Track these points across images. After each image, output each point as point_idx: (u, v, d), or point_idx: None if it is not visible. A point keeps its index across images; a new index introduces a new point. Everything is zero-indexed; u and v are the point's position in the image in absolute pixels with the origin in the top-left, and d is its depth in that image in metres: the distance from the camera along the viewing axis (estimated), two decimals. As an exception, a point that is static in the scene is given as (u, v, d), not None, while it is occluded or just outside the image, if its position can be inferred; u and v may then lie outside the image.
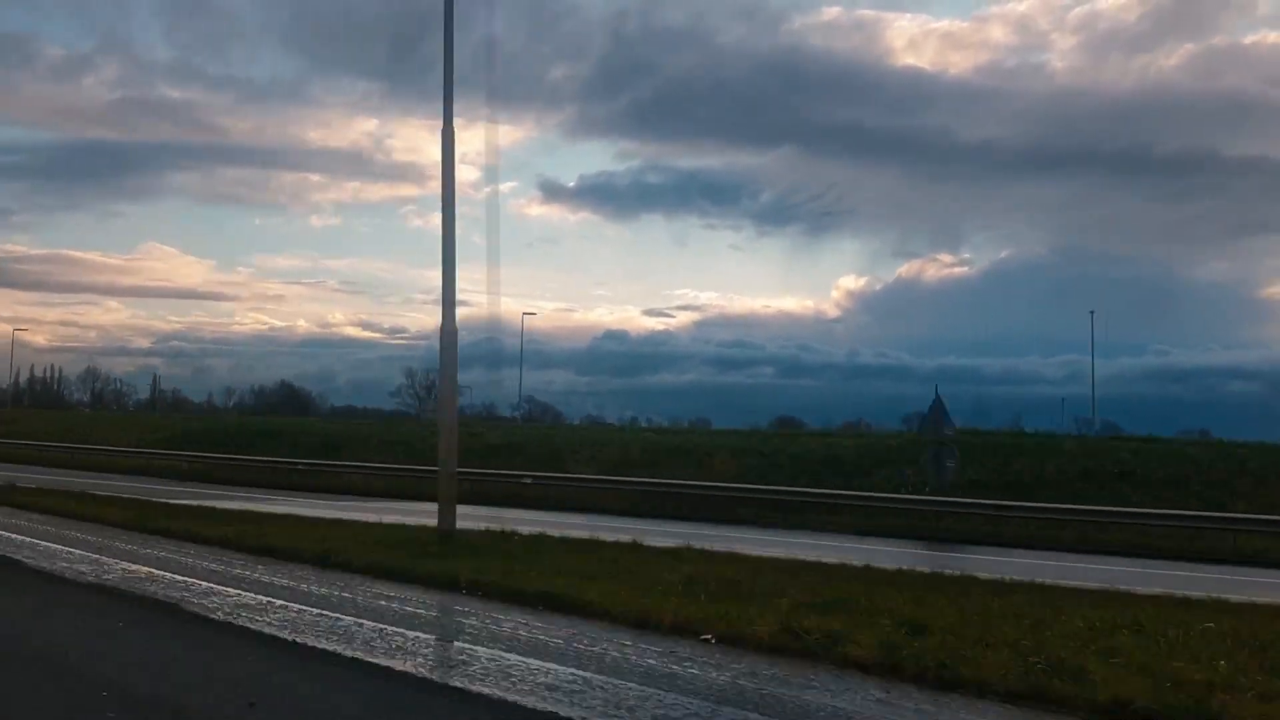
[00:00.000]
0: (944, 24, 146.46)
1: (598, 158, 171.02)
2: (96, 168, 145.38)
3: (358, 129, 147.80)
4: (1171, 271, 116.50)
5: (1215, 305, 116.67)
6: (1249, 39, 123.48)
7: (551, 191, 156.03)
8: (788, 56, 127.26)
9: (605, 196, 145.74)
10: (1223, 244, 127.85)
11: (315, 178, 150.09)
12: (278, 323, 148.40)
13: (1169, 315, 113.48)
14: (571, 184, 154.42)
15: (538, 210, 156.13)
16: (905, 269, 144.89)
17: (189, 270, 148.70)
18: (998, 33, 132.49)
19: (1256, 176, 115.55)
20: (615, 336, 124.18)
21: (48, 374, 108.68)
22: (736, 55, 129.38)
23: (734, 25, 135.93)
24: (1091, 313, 57.38)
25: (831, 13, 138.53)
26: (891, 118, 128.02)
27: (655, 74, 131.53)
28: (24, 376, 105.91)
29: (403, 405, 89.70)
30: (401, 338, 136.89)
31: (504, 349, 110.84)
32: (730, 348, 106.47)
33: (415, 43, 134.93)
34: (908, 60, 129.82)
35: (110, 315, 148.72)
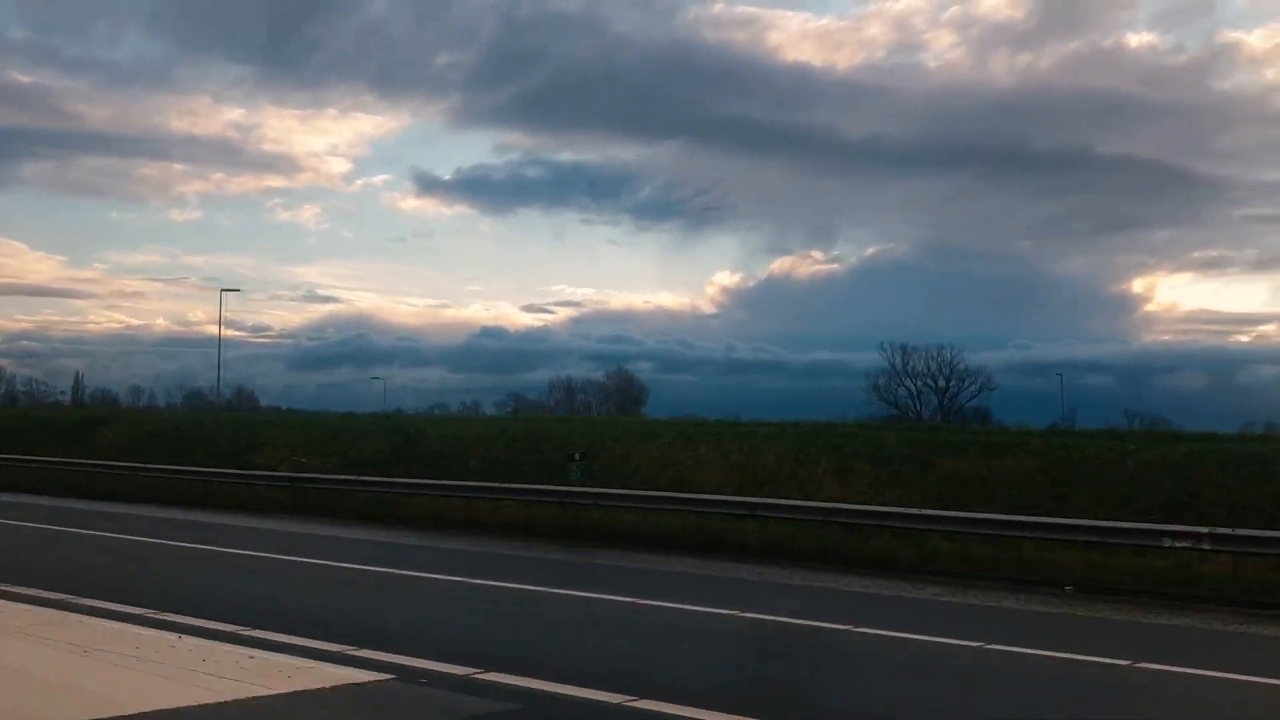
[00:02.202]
0: (827, 21, 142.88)
1: (475, 150, 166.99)
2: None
3: (225, 117, 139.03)
4: (1036, 268, 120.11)
5: (1073, 301, 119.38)
6: (1127, 39, 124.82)
7: (426, 184, 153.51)
8: (681, 48, 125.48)
9: (482, 190, 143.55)
10: (1086, 241, 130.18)
11: (179, 167, 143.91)
12: (135, 321, 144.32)
13: (1031, 310, 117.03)
14: (447, 177, 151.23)
15: (412, 203, 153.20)
16: (777, 265, 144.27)
17: (39, 266, 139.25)
18: (878, 30, 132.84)
19: (1122, 174, 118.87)
20: (492, 333, 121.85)
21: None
22: (628, 45, 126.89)
23: (628, 13, 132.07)
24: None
25: (719, 7, 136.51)
26: (781, 113, 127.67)
27: (544, 63, 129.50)
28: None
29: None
30: (265, 336, 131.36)
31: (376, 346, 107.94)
32: (609, 343, 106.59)
33: (295, 25, 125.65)
34: (798, 56, 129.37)
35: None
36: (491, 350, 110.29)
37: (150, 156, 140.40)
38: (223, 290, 65.67)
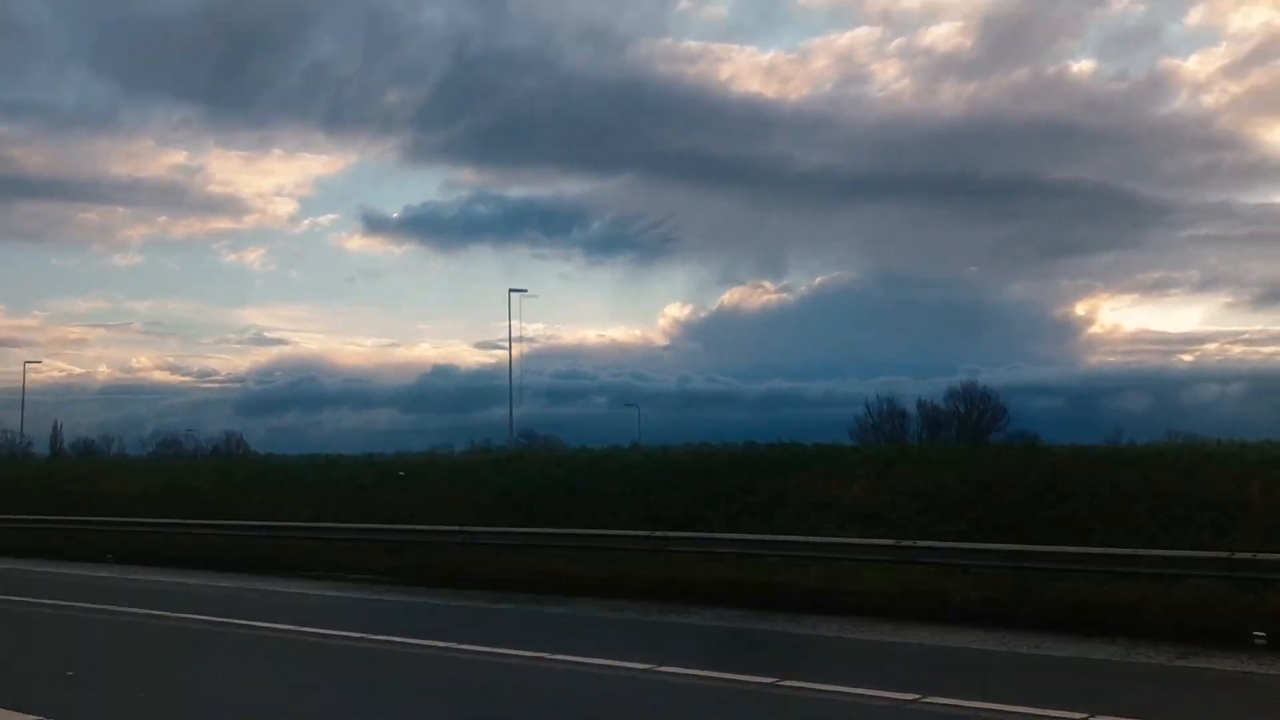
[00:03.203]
0: (773, 55, 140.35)
1: (424, 188, 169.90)
2: None
3: (169, 159, 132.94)
4: (983, 294, 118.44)
5: (1019, 325, 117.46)
6: (1070, 66, 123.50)
7: (374, 223, 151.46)
8: (632, 83, 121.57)
9: (431, 228, 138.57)
10: (1032, 266, 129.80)
11: (121, 211, 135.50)
12: (77, 369, 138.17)
13: (978, 336, 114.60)
14: (396, 215, 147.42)
15: (359, 243, 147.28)
16: (728, 296, 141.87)
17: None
18: (825, 63, 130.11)
19: (1070, 199, 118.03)
20: (444, 372, 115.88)
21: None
22: (579, 80, 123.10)
23: (580, 48, 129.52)
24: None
25: (668, 41, 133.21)
26: (732, 145, 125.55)
27: (494, 99, 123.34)
28: None
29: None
30: (212, 381, 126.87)
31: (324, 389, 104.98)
32: (563, 379, 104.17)
33: (241, 64, 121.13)
34: (748, 88, 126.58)
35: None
36: (443, 389, 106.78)
37: (92, 201, 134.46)
38: (511, 290, 54.92)
